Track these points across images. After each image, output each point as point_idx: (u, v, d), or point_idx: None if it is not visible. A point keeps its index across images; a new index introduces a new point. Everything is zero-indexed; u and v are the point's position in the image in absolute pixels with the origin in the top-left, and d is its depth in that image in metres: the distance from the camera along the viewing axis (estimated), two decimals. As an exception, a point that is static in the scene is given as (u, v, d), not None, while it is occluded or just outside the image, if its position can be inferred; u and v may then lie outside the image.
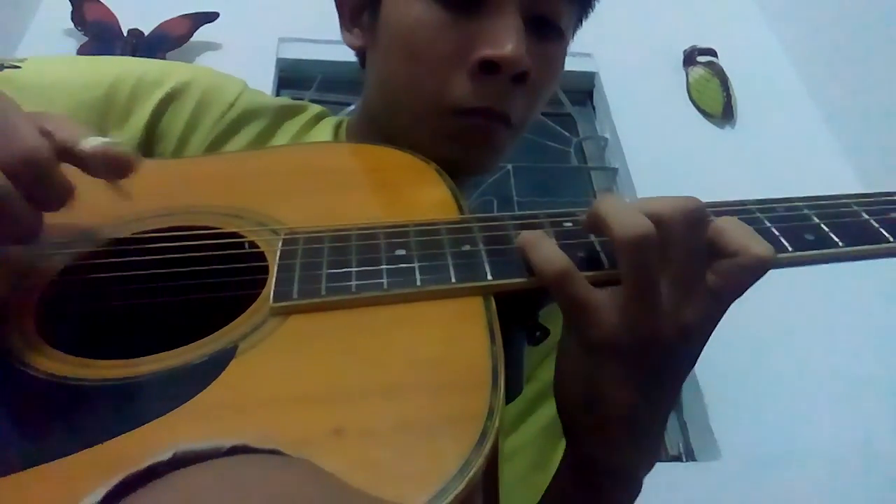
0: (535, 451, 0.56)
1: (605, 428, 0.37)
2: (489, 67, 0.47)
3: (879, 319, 1.33)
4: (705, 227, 0.35)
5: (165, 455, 0.26)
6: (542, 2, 0.50)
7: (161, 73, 0.55)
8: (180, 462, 0.26)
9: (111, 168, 0.34)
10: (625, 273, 0.34)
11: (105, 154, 0.34)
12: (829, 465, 1.16)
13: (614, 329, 0.34)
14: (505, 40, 0.46)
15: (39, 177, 0.32)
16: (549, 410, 0.57)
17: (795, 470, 1.17)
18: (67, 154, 0.34)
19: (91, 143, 0.34)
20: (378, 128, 0.56)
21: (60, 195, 0.33)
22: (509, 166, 1.59)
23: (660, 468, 0.57)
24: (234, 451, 0.27)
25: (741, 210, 0.41)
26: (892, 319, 1.34)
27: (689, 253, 0.34)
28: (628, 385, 0.36)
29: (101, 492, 0.25)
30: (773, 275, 0.36)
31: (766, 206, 0.41)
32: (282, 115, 0.60)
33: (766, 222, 0.39)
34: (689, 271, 0.34)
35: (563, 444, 0.57)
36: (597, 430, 0.38)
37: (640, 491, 0.43)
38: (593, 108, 1.77)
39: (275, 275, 0.35)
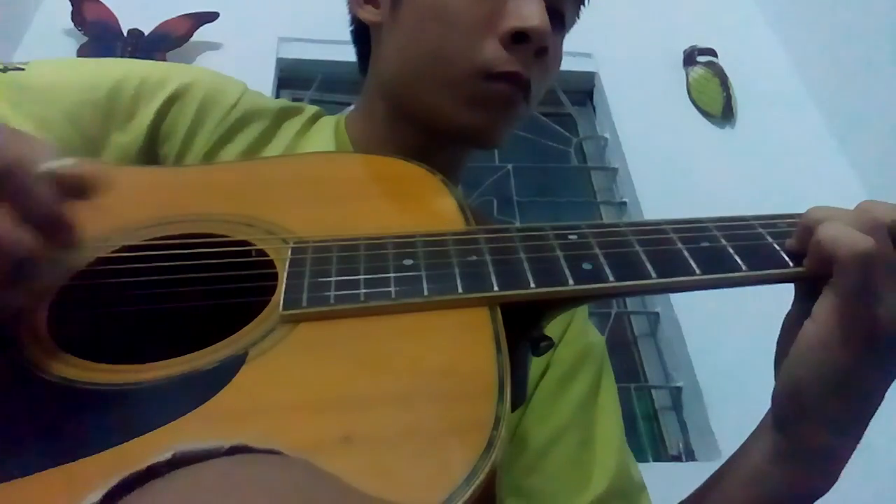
0: (579, 430, 0.57)
1: (853, 409, 0.40)
2: (519, 37, 0.51)
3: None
4: None
5: (165, 455, 0.26)
6: None
7: (164, 74, 0.56)
8: (180, 462, 0.26)
9: (69, 191, 0.33)
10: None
11: (60, 178, 0.32)
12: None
13: (883, 323, 0.36)
14: (533, 14, 0.51)
15: (21, 190, 0.31)
16: (579, 387, 0.59)
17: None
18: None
19: (47, 166, 0.32)
20: (391, 106, 0.58)
21: (49, 210, 0.32)
22: (509, 166, 1.59)
23: (660, 468, 0.57)
24: (234, 451, 0.27)
25: (743, 226, 0.41)
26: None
27: None
28: (878, 379, 0.39)
29: (100, 492, 0.25)
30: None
31: (768, 221, 0.41)
32: (281, 116, 0.61)
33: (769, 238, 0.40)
34: None
35: (600, 413, 0.59)
36: (845, 410, 0.40)
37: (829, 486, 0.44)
38: (593, 108, 1.78)
39: (284, 283, 0.36)
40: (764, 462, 0.44)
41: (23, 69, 0.52)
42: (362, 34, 0.63)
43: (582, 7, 0.60)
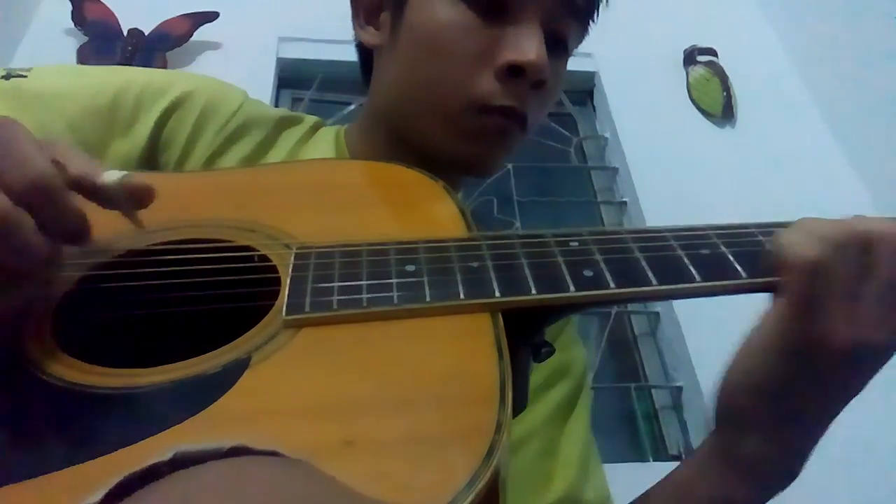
0: (543, 438, 0.57)
1: (784, 421, 0.39)
2: (515, 71, 0.50)
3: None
4: None
5: (165, 456, 0.27)
6: (557, 19, 0.53)
7: (165, 82, 0.56)
8: (180, 463, 0.26)
9: (133, 200, 0.36)
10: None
11: (127, 187, 0.35)
12: (829, 465, 1.16)
13: (832, 334, 0.36)
14: (530, 48, 0.50)
15: (51, 204, 0.32)
16: (554, 398, 0.59)
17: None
18: (83, 187, 0.34)
19: (111, 176, 0.35)
20: (387, 128, 0.58)
21: (74, 225, 0.34)
22: (509, 166, 1.59)
23: (660, 468, 0.58)
24: (234, 452, 0.27)
25: (743, 234, 0.41)
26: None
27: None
28: (826, 385, 0.38)
29: (100, 493, 0.25)
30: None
31: (769, 229, 0.41)
32: (281, 125, 0.61)
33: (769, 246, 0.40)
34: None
35: (569, 429, 0.59)
36: (775, 421, 0.39)
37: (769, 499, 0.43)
38: (593, 108, 1.77)
39: (287, 288, 0.36)
40: (699, 465, 0.44)
41: (25, 76, 0.52)
42: (364, 50, 0.62)
43: (591, 23, 0.59)
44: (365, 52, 0.63)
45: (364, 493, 0.26)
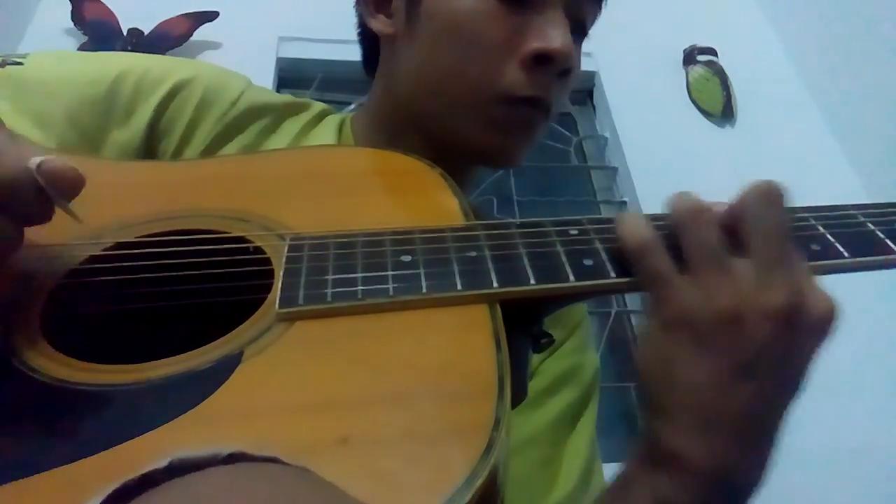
0: (544, 446, 0.55)
1: (678, 413, 0.35)
2: (541, 59, 0.49)
3: (880, 319, 1.33)
4: (781, 208, 0.35)
5: (162, 462, 0.26)
6: (581, 5, 0.52)
7: (164, 69, 0.55)
8: (177, 470, 0.26)
9: (56, 189, 0.31)
10: (687, 253, 0.34)
11: (45, 174, 0.31)
12: (830, 465, 1.16)
13: (689, 304, 0.34)
14: (556, 36, 0.49)
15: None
16: (556, 405, 0.57)
17: (795, 470, 1.17)
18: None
19: (32, 162, 0.31)
20: (401, 118, 0.56)
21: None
22: (509, 166, 1.59)
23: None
24: (232, 458, 0.26)
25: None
26: (893, 319, 1.34)
27: (766, 233, 0.34)
28: (704, 366, 0.33)
29: (95, 501, 0.25)
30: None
31: None
32: (285, 113, 0.59)
33: None
34: (767, 252, 0.34)
35: (571, 439, 0.56)
36: (670, 414, 0.35)
37: None
38: (593, 108, 1.77)
39: (281, 280, 0.35)
40: (634, 463, 0.39)
41: (21, 63, 0.51)
42: (369, 38, 0.61)
43: (603, 6, 0.57)
44: (368, 40, 0.61)
45: (361, 492, 0.25)
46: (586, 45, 0.61)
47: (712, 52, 1.71)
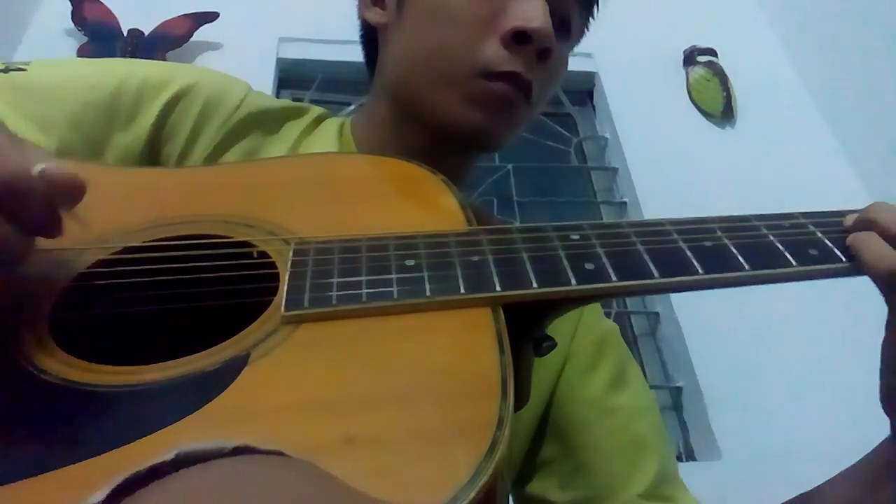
0: (611, 416, 0.58)
1: None
2: (520, 38, 0.51)
3: (880, 319, 1.33)
4: None
5: (168, 455, 0.26)
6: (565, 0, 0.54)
7: (166, 75, 0.56)
8: (183, 462, 0.26)
9: (59, 195, 0.32)
10: None
11: (48, 180, 0.31)
12: (830, 465, 1.16)
13: None
14: (536, 15, 0.51)
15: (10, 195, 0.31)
16: (601, 377, 0.60)
17: (796, 470, 1.17)
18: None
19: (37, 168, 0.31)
20: (396, 107, 0.58)
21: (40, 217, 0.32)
22: (509, 166, 1.59)
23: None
24: (237, 451, 0.27)
25: (746, 226, 0.41)
26: (892, 319, 1.34)
27: None
28: None
29: (103, 492, 0.25)
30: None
31: (771, 222, 0.42)
32: (284, 117, 0.60)
33: (771, 237, 0.40)
34: None
35: (634, 403, 0.59)
36: None
37: None
38: (593, 108, 1.78)
39: (286, 283, 0.36)
40: (879, 468, 0.44)
41: (24, 69, 0.52)
42: (371, 36, 0.63)
43: (591, 18, 0.60)
44: (369, 36, 0.63)
45: (365, 490, 0.26)
46: (586, 46, 0.61)
47: (712, 52, 1.71)
